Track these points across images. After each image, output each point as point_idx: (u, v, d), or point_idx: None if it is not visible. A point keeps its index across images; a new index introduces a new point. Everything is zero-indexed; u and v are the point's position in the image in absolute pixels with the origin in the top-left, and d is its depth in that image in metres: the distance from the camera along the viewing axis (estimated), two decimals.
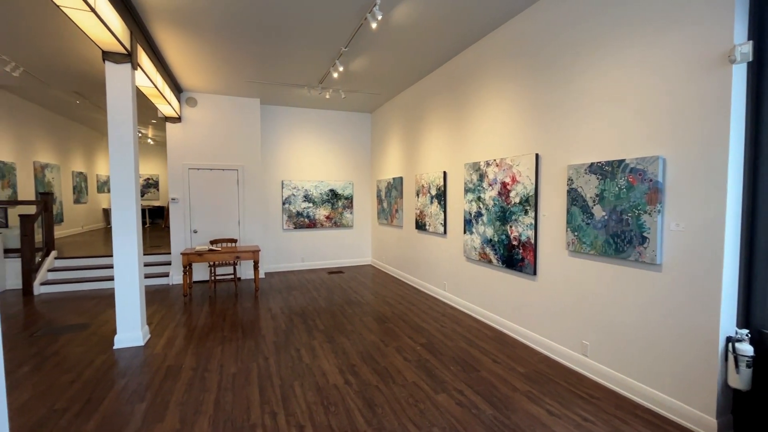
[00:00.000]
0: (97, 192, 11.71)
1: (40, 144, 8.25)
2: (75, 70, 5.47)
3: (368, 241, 8.19)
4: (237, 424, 2.48)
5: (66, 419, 2.53)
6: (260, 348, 3.69)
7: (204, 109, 6.49)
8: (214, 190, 6.63)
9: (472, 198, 4.44)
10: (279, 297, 5.56)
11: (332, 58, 4.85)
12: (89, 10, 2.83)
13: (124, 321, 3.74)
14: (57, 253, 6.61)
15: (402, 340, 3.87)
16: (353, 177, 7.98)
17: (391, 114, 6.94)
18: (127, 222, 3.70)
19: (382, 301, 5.32)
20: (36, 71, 5.58)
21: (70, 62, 5.17)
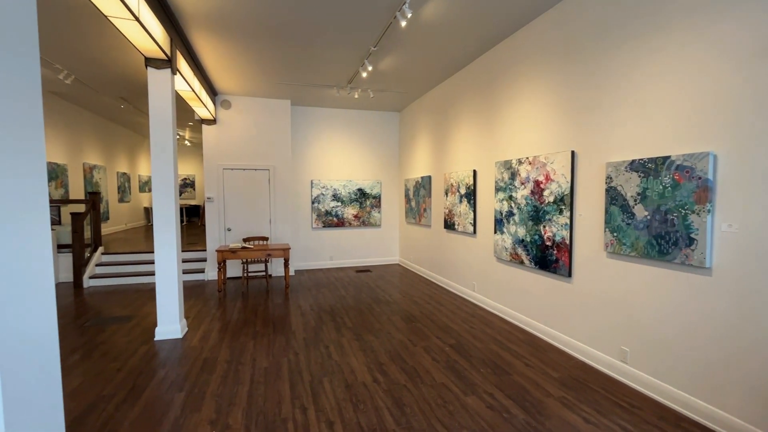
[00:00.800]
0: (138, 191, 12.37)
1: (89, 146, 8.81)
2: (120, 76, 5.80)
3: (396, 240, 8.19)
4: (269, 417, 2.54)
5: (113, 405, 2.69)
6: (291, 343, 3.77)
7: (237, 111, 6.70)
8: (246, 190, 6.84)
9: (503, 197, 4.34)
10: (308, 294, 5.66)
11: (361, 57, 4.88)
12: (134, 19, 2.99)
13: (164, 314, 3.92)
14: (103, 248, 7.04)
15: (430, 340, 3.84)
16: (381, 176, 8.00)
17: (420, 113, 6.90)
18: (167, 220, 3.88)
19: (409, 300, 5.30)
20: (86, 78, 5.96)
21: (116, 69, 5.48)
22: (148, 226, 12.27)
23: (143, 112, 8.49)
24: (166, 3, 3.54)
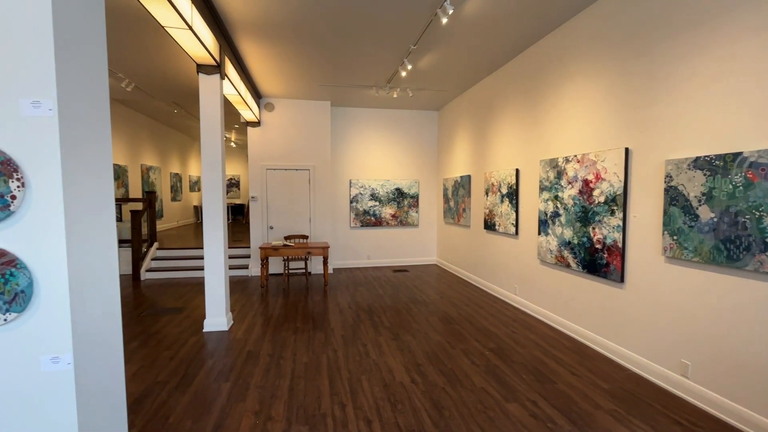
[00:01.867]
0: (189, 191, 13.15)
1: (146, 149, 9.48)
2: (174, 83, 6.18)
3: (433, 241, 8.10)
4: (309, 411, 2.59)
5: (167, 390, 2.87)
6: (329, 340, 3.83)
7: (280, 113, 6.93)
8: (288, 189, 7.05)
9: (548, 197, 4.15)
10: (346, 292, 5.74)
11: (401, 57, 4.87)
12: (187, 29, 3.16)
13: (212, 307, 4.13)
14: (158, 244, 7.54)
15: (469, 343, 3.75)
16: (419, 176, 7.95)
17: (459, 111, 6.77)
18: (216, 219, 4.08)
19: (447, 301, 5.22)
20: (143, 85, 6.41)
21: (170, 76, 5.85)
22: (197, 223, 13.00)
23: (193, 116, 9.00)
24: (216, 12, 3.72)
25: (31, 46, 1.12)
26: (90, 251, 1.31)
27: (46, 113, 1.13)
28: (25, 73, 1.12)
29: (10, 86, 1.11)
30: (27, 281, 1.15)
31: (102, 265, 1.38)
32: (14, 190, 1.12)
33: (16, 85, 1.12)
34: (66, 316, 1.19)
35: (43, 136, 1.14)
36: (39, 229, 1.15)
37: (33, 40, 1.12)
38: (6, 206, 1.12)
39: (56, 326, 1.18)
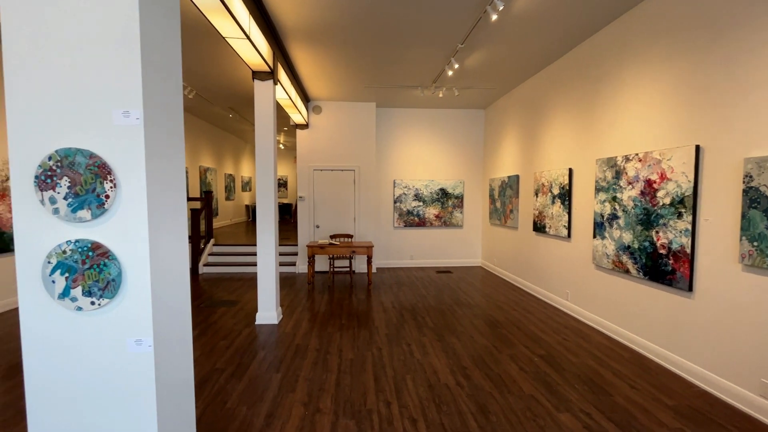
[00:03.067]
0: (241, 191, 13.90)
1: (204, 151, 10.16)
2: (229, 89, 6.58)
3: (478, 242, 7.93)
4: (355, 406, 2.65)
5: (224, 377, 3.07)
6: (374, 338, 3.89)
7: (327, 116, 7.13)
8: (333, 189, 7.24)
9: (604, 198, 3.92)
10: (390, 292, 5.78)
11: (447, 56, 4.82)
12: (245, 38, 3.36)
13: (263, 301, 4.34)
14: (214, 240, 8.06)
15: (517, 348, 3.64)
16: (464, 176, 7.82)
17: (507, 109, 6.58)
18: (268, 218, 4.29)
19: (493, 304, 5.09)
20: (202, 92, 6.88)
21: (227, 83, 6.23)
22: (248, 221, 13.71)
23: (247, 120, 9.51)
24: (270, 20, 3.92)
25: (123, 63, 1.25)
26: (167, 245, 1.44)
27: (134, 122, 1.27)
28: (118, 86, 1.26)
29: (105, 99, 1.26)
30: (117, 271, 1.29)
31: (176, 259, 1.52)
32: (108, 190, 1.27)
33: (110, 97, 1.26)
34: (147, 304, 1.32)
35: (131, 143, 1.28)
36: (127, 225, 1.29)
37: (124, 58, 1.25)
38: (101, 205, 1.27)
39: (140, 312, 1.32)
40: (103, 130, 1.27)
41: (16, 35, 1.24)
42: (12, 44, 1.24)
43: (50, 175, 1.25)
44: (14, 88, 1.24)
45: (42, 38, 1.24)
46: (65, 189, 1.25)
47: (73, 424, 1.33)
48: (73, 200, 1.26)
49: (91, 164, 1.26)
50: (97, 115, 1.27)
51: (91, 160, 1.26)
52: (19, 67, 1.24)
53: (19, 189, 1.26)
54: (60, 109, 1.26)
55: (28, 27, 1.24)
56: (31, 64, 1.25)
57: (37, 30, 1.24)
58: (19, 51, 1.24)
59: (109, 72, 1.26)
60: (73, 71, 1.25)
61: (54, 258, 1.26)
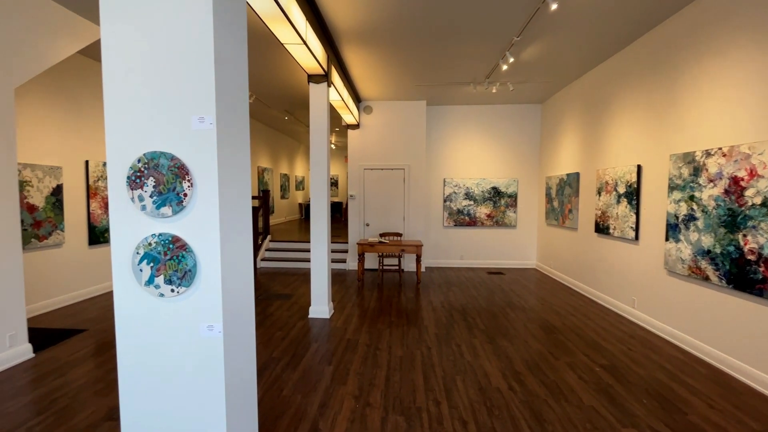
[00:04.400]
0: (295, 190, 14.54)
1: (261, 152, 10.77)
2: (285, 92, 6.91)
3: (533, 243, 7.59)
4: (405, 403, 2.67)
5: (280, 366, 3.24)
6: (423, 337, 3.89)
7: (378, 115, 7.22)
8: (383, 188, 7.32)
9: (680, 197, 3.57)
10: (439, 291, 5.74)
11: (502, 50, 4.67)
12: (302, 43, 3.51)
13: (316, 296, 4.52)
14: (271, 237, 8.52)
15: (575, 356, 3.44)
16: (518, 174, 7.52)
17: (566, 102, 6.22)
18: (321, 216, 4.45)
19: (549, 309, 4.85)
20: (262, 97, 7.30)
21: (283, 87, 6.55)
22: (301, 219, 14.30)
23: (301, 122, 9.93)
24: (325, 25, 4.05)
25: (199, 74, 1.38)
26: (234, 240, 1.56)
27: (208, 127, 1.39)
28: (195, 95, 1.39)
29: (185, 106, 1.39)
30: (193, 262, 1.42)
31: (241, 252, 1.64)
32: (186, 189, 1.40)
33: (188, 105, 1.39)
34: (218, 293, 1.44)
35: (205, 146, 1.40)
36: (201, 220, 1.42)
37: (200, 69, 1.38)
38: (180, 202, 1.41)
39: (211, 300, 1.44)
40: (182, 134, 1.41)
41: (113, 54, 1.41)
42: (109, 62, 1.42)
43: (139, 176, 1.41)
44: (111, 100, 1.42)
45: (133, 55, 1.41)
46: (151, 188, 1.41)
47: (156, 395, 1.49)
48: (157, 198, 1.41)
49: (173, 166, 1.40)
50: (177, 121, 1.41)
51: (172, 162, 1.40)
52: (114, 81, 1.42)
53: (114, 188, 1.44)
54: (147, 117, 1.42)
55: (122, 47, 1.41)
56: (124, 79, 1.41)
57: (129, 49, 1.40)
58: (115, 68, 1.42)
59: (187, 83, 1.39)
60: (158, 83, 1.40)
61: (141, 249, 1.43)
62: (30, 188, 4.33)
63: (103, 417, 2.48)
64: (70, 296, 4.90)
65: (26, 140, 4.33)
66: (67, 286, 4.86)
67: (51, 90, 4.61)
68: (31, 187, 4.33)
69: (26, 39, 3.29)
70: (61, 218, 4.71)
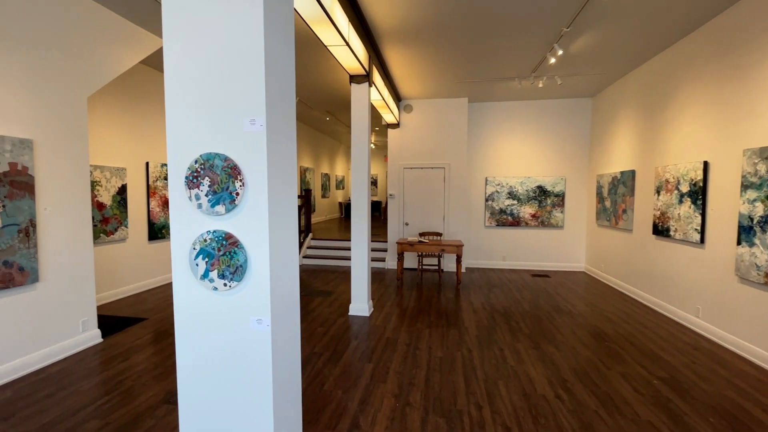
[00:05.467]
0: (335, 189, 14.82)
1: (304, 153, 11.08)
2: (328, 94, 7.05)
3: (581, 245, 7.20)
4: (445, 405, 2.64)
5: (321, 361, 3.32)
6: (463, 339, 3.81)
7: (418, 114, 7.18)
8: (423, 187, 7.27)
9: (755, 196, 3.22)
10: (480, 293, 5.60)
11: (549, 42, 4.46)
12: (345, 45, 3.56)
13: (356, 293, 4.58)
14: (312, 235, 8.75)
15: (630, 366, 3.22)
16: (566, 172, 7.16)
17: (621, 95, 5.83)
18: (362, 215, 4.50)
19: (599, 315, 4.58)
20: (305, 98, 7.50)
21: (325, 88, 6.69)
22: (341, 218, 14.56)
23: (342, 122, 10.09)
24: (367, 25, 4.08)
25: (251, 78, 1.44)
26: (282, 238, 1.61)
27: (258, 128, 1.44)
28: (246, 98, 1.45)
29: (238, 110, 1.46)
30: (244, 258, 1.49)
31: (288, 250, 1.69)
32: (238, 188, 1.47)
33: (241, 108, 1.46)
34: (266, 288, 1.50)
35: (256, 147, 1.46)
36: (252, 218, 1.48)
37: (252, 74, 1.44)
38: (233, 201, 1.48)
39: (260, 295, 1.50)
40: (234, 136, 1.48)
41: (174, 63, 1.51)
42: (171, 70, 1.52)
43: (196, 176, 1.50)
44: (172, 105, 1.52)
45: (191, 64, 1.49)
46: (206, 187, 1.49)
47: (210, 383, 1.57)
48: (211, 197, 1.49)
49: (226, 166, 1.47)
50: (230, 123, 1.48)
51: (225, 162, 1.47)
52: (176, 88, 1.51)
53: (174, 188, 1.54)
54: (203, 120, 1.50)
55: (182, 56, 1.50)
56: (184, 85, 1.51)
57: (188, 58, 1.49)
58: (176, 75, 1.51)
59: (240, 87, 1.46)
60: (214, 88, 1.48)
61: (198, 245, 1.51)
62: (99, 188, 4.75)
63: (161, 400, 2.67)
64: (132, 287, 5.33)
65: (96, 144, 4.76)
66: (129, 278, 5.28)
67: (117, 97, 5.03)
68: (100, 186, 4.75)
69: (96, 52, 3.61)
70: (125, 215, 5.12)
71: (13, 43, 2.94)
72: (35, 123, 3.11)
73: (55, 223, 3.28)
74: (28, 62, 3.05)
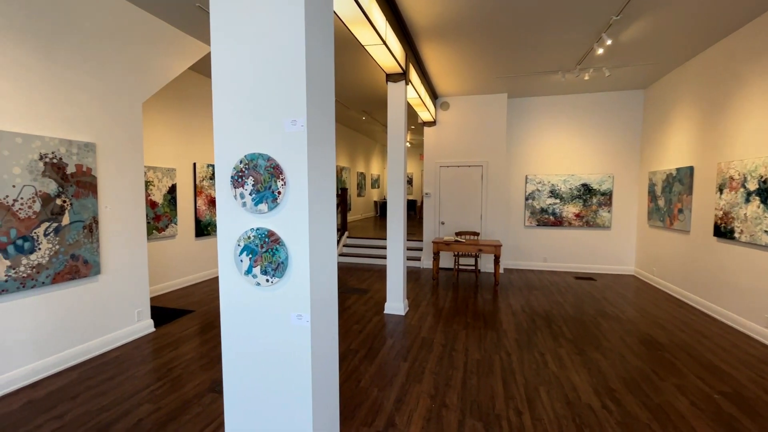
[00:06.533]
0: (370, 188, 14.93)
1: (340, 152, 11.24)
2: (363, 93, 7.10)
3: (631, 246, 6.77)
4: (483, 409, 2.57)
5: (357, 358, 3.35)
6: (502, 342, 3.70)
7: (455, 111, 7.06)
8: (460, 186, 7.14)
9: None
10: (519, 295, 5.42)
11: (597, 32, 4.22)
12: (382, 44, 3.56)
13: (391, 292, 4.58)
14: (348, 233, 8.86)
15: (687, 378, 2.98)
16: (613, 169, 6.75)
17: (677, 86, 5.41)
18: (398, 214, 4.49)
19: (651, 321, 4.28)
20: (341, 98, 7.60)
21: (360, 88, 6.74)
22: (376, 217, 14.64)
23: (377, 121, 10.14)
24: (403, 22, 4.06)
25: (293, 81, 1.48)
26: (321, 236, 1.63)
27: (299, 129, 1.47)
28: (289, 100, 1.49)
29: (280, 111, 1.50)
30: (285, 255, 1.53)
31: (327, 247, 1.71)
32: (280, 187, 1.51)
33: (284, 109, 1.50)
34: (306, 284, 1.53)
35: (297, 147, 1.49)
36: (293, 217, 1.52)
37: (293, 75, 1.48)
38: (275, 199, 1.52)
39: (301, 291, 1.54)
40: (276, 137, 1.52)
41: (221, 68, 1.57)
42: (218, 75, 1.58)
43: (241, 176, 1.55)
44: (219, 108, 1.59)
45: (237, 68, 1.55)
46: (250, 186, 1.54)
47: (254, 373, 1.63)
48: (255, 196, 1.54)
49: (269, 166, 1.52)
50: (272, 124, 1.52)
51: (268, 162, 1.52)
52: (223, 92, 1.58)
53: (221, 187, 1.60)
54: (248, 121, 1.55)
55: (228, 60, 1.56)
56: (231, 89, 1.57)
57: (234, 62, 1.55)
58: (222, 79, 1.58)
59: (282, 89, 1.50)
60: (257, 90, 1.53)
61: (242, 242, 1.57)
62: (152, 187, 5.08)
63: (207, 388, 2.81)
64: (180, 281, 5.66)
65: (150, 146, 5.09)
66: (178, 272, 5.61)
67: (165, 101, 5.35)
68: (153, 186, 5.08)
69: (151, 61, 3.86)
70: (174, 213, 5.45)
71: (84, 60, 3.20)
72: (97, 128, 3.38)
73: (114, 220, 3.55)
74: (96, 76, 3.32)
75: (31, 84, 2.88)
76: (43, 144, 2.93)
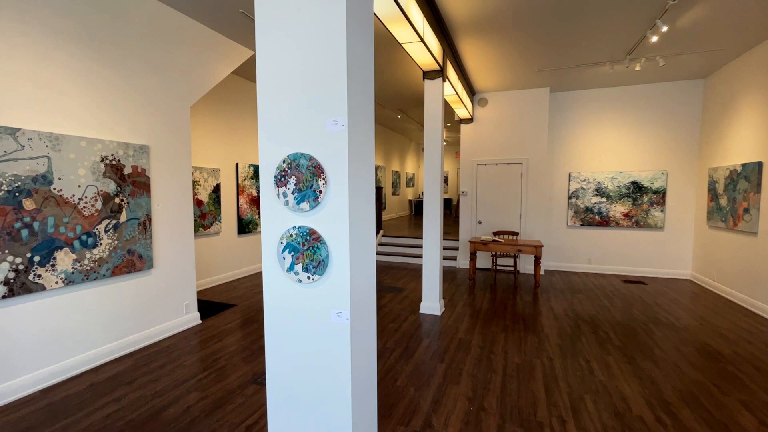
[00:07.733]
0: (405, 186, 14.89)
1: (375, 151, 11.30)
2: (399, 92, 7.08)
3: (687, 249, 6.28)
4: (523, 415, 2.48)
5: (394, 357, 3.35)
6: (543, 346, 3.56)
7: (493, 107, 6.87)
8: (498, 184, 6.94)
9: None
10: (561, 297, 5.19)
11: (651, 18, 3.94)
12: (419, 41, 3.53)
13: (427, 292, 4.54)
14: (383, 232, 8.89)
15: (754, 394, 2.72)
16: (667, 165, 6.29)
17: (742, 75, 4.94)
18: (434, 213, 4.44)
19: (711, 330, 3.95)
20: (377, 98, 7.62)
21: (397, 87, 6.72)
22: (411, 215, 14.59)
23: (412, 119, 10.08)
24: (441, 19, 4.00)
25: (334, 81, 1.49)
26: (360, 234, 1.64)
27: (340, 128, 1.49)
28: (330, 101, 1.50)
29: (322, 111, 1.52)
30: (326, 253, 1.55)
31: (366, 246, 1.72)
32: (321, 186, 1.53)
33: (325, 109, 1.52)
34: (346, 282, 1.54)
35: (338, 146, 1.51)
36: (333, 215, 1.54)
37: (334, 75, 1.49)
38: (316, 198, 1.54)
39: (341, 289, 1.55)
40: (318, 136, 1.54)
41: (264, 71, 1.62)
42: (263, 77, 1.63)
43: (284, 175, 1.59)
44: (264, 110, 1.63)
45: (280, 70, 1.59)
46: (293, 185, 1.58)
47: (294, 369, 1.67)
48: (297, 195, 1.57)
49: (310, 165, 1.54)
50: (314, 124, 1.54)
51: (310, 162, 1.54)
52: (266, 94, 1.62)
53: (265, 186, 1.65)
54: (291, 122, 1.59)
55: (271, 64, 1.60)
56: (274, 90, 1.61)
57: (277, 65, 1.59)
58: (266, 82, 1.62)
59: (323, 89, 1.51)
60: (299, 91, 1.56)
61: (285, 239, 1.61)
62: (199, 187, 5.35)
63: (249, 380, 2.92)
64: (223, 276, 5.92)
65: (197, 147, 5.36)
66: (221, 267, 5.88)
67: (210, 104, 5.61)
68: (199, 186, 5.36)
69: (196, 65, 4.06)
70: (219, 211, 5.71)
71: (138, 66, 3.43)
72: (150, 131, 3.60)
73: (165, 218, 3.77)
74: (148, 81, 3.54)
75: (94, 90, 3.12)
76: (104, 147, 3.17)
